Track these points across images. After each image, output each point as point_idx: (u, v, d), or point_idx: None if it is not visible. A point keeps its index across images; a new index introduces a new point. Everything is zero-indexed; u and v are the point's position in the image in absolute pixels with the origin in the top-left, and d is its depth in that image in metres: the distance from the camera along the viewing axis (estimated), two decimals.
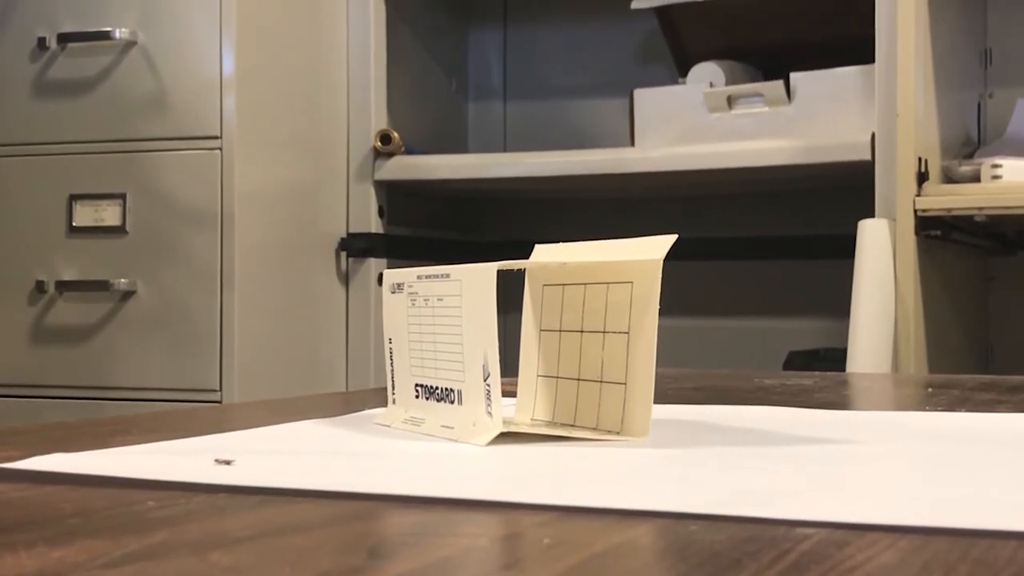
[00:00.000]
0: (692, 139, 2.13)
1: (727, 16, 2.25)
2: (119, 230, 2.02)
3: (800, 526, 0.41)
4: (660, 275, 0.62)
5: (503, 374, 0.62)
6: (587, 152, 2.19)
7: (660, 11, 2.31)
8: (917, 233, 1.81)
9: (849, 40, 2.08)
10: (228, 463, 0.53)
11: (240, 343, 1.97)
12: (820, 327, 2.32)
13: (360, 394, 1.04)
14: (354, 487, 0.48)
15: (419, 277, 0.68)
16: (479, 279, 0.62)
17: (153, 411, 1.74)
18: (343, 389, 2.16)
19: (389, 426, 0.68)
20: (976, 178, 1.83)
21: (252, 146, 2.01)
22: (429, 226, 2.43)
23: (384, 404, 0.73)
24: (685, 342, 2.39)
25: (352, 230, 2.21)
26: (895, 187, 1.83)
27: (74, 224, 2.04)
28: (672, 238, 0.61)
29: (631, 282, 0.63)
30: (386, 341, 0.72)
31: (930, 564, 0.36)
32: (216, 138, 1.98)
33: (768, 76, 2.20)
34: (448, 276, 0.65)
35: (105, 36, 2.02)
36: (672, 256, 0.62)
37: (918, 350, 1.81)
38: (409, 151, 2.24)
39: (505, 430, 0.61)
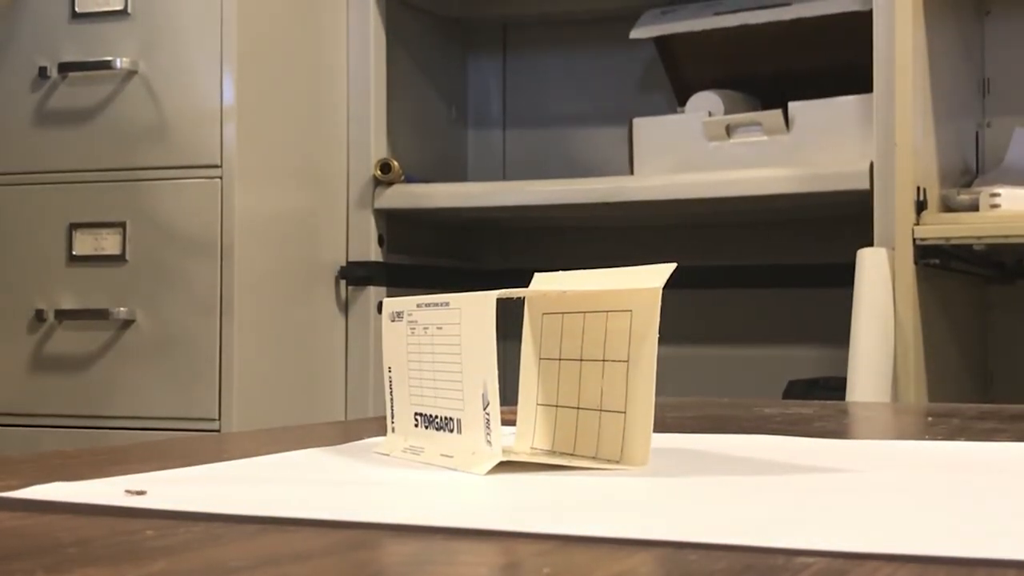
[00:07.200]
0: (691, 168, 2.13)
1: (726, 45, 2.26)
2: (119, 259, 2.02)
3: (799, 555, 0.40)
4: (659, 303, 0.62)
5: (503, 402, 0.62)
6: (586, 180, 2.19)
7: (659, 41, 2.32)
8: (916, 262, 1.81)
9: (847, 69, 2.09)
10: (141, 493, 0.52)
11: (239, 372, 1.97)
12: (819, 356, 2.31)
13: (359, 423, 1.04)
14: (353, 516, 0.48)
15: (419, 305, 0.68)
16: (479, 308, 0.63)
17: (152, 440, 1.73)
18: (342, 418, 2.15)
19: (388, 455, 0.68)
20: (975, 207, 1.84)
21: (252, 175, 2.01)
22: (429, 254, 2.43)
23: (383, 433, 0.73)
24: (685, 371, 2.39)
25: (352, 258, 2.21)
26: (894, 216, 1.83)
27: (74, 253, 2.04)
28: (671, 266, 0.62)
29: (630, 310, 0.63)
30: (385, 370, 0.72)
31: None
32: (216, 167, 1.98)
33: (767, 105, 2.20)
34: (448, 304, 0.65)
35: (106, 65, 2.03)
36: (671, 284, 0.62)
37: (917, 379, 1.81)
38: (409, 179, 2.24)
39: (504, 459, 0.61)
